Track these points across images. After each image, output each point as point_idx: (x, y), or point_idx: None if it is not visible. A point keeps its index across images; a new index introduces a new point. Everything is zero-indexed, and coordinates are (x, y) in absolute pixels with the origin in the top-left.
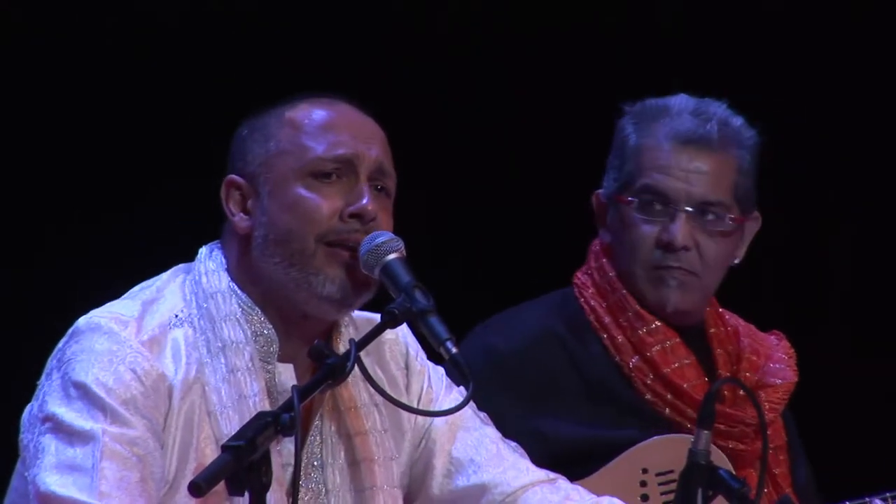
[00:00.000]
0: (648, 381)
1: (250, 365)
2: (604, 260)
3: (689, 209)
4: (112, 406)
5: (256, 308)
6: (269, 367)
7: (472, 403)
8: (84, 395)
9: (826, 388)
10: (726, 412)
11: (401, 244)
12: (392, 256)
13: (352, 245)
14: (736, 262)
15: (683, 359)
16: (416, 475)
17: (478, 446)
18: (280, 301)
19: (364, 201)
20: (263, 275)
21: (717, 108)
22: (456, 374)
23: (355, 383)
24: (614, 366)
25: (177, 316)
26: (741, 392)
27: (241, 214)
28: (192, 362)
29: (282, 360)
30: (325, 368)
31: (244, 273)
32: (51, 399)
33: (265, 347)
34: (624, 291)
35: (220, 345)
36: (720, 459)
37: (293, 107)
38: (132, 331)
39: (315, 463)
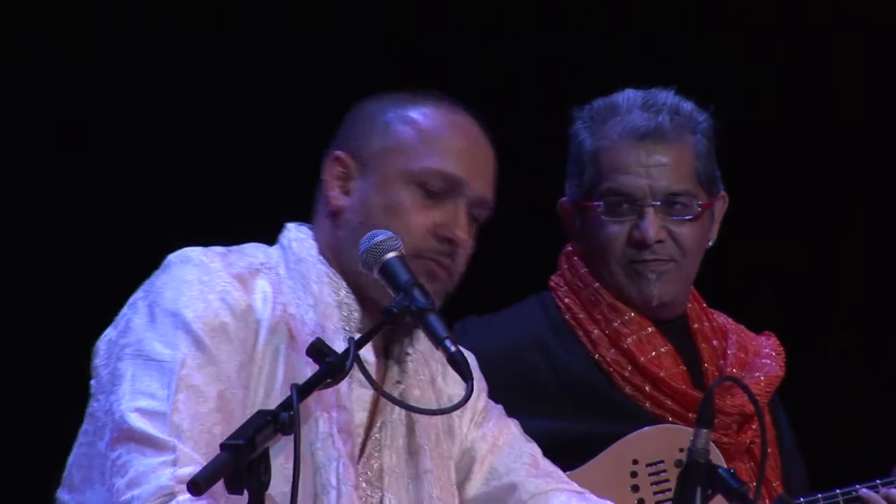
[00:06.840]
0: (626, 374)
1: (337, 327)
2: (575, 259)
3: (657, 203)
4: (198, 333)
5: (340, 278)
6: (349, 335)
7: (518, 424)
8: (171, 321)
9: (817, 377)
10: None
11: (399, 243)
12: (391, 255)
13: (436, 268)
14: (710, 244)
15: (660, 347)
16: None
17: (518, 457)
18: (358, 279)
19: (460, 230)
20: (346, 254)
21: (666, 97)
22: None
23: (420, 385)
24: (593, 363)
25: (263, 263)
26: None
27: (338, 192)
28: (279, 303)
29: (359, 330)
30: (324, 367)
31: (328, 248)
32: (135, 326)
33: (347, 315)
34: (596, 285)
35: (311, 301)
36: (717, 458)
37: (418, 106)
38: (222, 264)
39: (376, 444)
